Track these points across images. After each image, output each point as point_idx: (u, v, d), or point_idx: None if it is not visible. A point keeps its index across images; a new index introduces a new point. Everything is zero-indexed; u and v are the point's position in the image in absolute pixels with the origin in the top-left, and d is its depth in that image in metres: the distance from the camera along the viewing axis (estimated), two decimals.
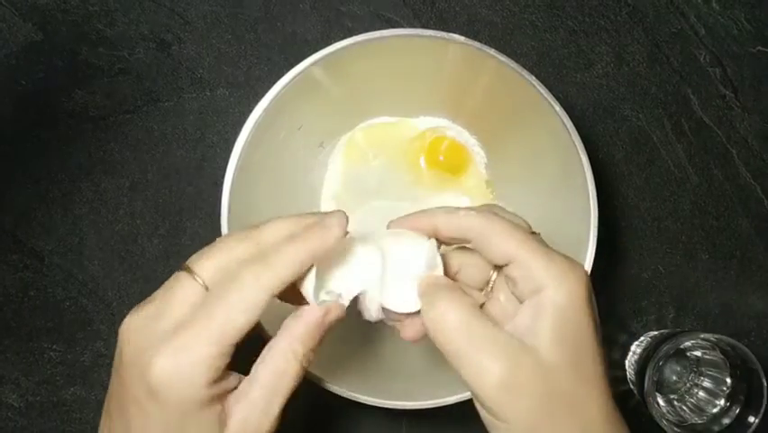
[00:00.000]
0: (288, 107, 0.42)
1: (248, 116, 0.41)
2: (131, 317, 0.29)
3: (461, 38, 0.41)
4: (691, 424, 0.49)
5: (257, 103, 0.41)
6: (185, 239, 0.53)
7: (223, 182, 0.40)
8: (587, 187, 0.40)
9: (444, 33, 0.41)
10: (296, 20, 0.53)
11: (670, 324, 0.54)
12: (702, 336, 0.47)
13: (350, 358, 0.45)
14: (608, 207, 0.54)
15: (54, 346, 0.52)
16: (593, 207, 0.40)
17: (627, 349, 0.53)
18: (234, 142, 0.40)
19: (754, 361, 0.45)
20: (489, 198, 0.51)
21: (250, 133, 0.41)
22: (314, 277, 0.30)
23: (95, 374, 0.52)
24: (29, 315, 0.52)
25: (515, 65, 0.40)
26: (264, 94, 0.41)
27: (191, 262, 0.30)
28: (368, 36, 0.41)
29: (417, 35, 0.41)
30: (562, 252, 0.31)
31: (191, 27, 0.53)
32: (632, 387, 0.52)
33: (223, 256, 0.30)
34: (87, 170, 0.53)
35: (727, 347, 0.47)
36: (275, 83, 0.41)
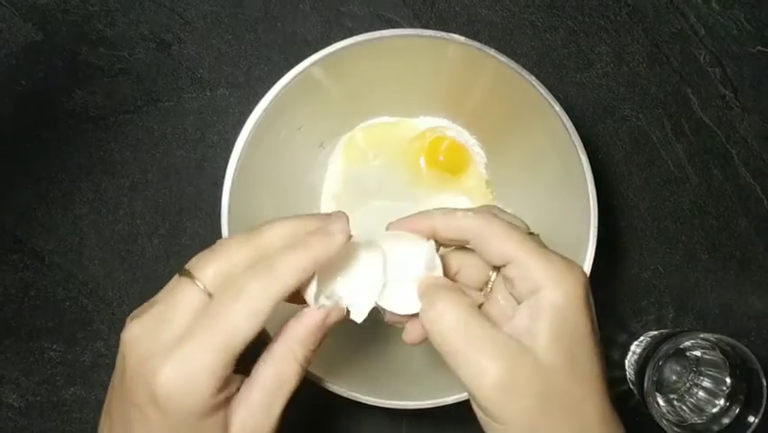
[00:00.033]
0: (288, 107, 0.42)
1: (248, 116, 0.41)
2: (134, 324, 0.29)
3: (461, 38, 0.41)
4: (691, 424, 0.49)
5: (257, 103, 0.41)
6: (185, 239, 0.53)
7: (223, 182, 0.40)
8: (587, 187, 0.40)
9: (444, 33, 0.41)
10: (296, 20, 0.53)
11: (669, 324, 0.54)
12: (702, 335, 0.47)
13: (350, 358, 0.45)
14: (607, 207, 0.54)
15: (54, 346, 0.52)
16: (593, 207, 0.40)
17: (627, 349, 0.53)
18: (234, 142, 0.40)
19: (754, 361, 0.45)
20: (489, 198, 0.51)
21: (250, 133, 0.41)
22: (315, 281, 0.30)
23: (95, 374, 0.52)
24: (29, 315, 0.52)
25: (515, 65, 0.40)
26: (264, 94, 0.41)
27: (192, 266, 0.30)
28: (368, 36, 0.41)
29: (417, 35, 0.41)
30: (562, 252, 0.31)
31: (191, 27, 0.53)
32: (632, 387, 0.52)
33: (224, 261, 0.29)
34: (87, 170, 0.53)
35: (727, 347, 0.47)
36: (275, 83, 0.41)
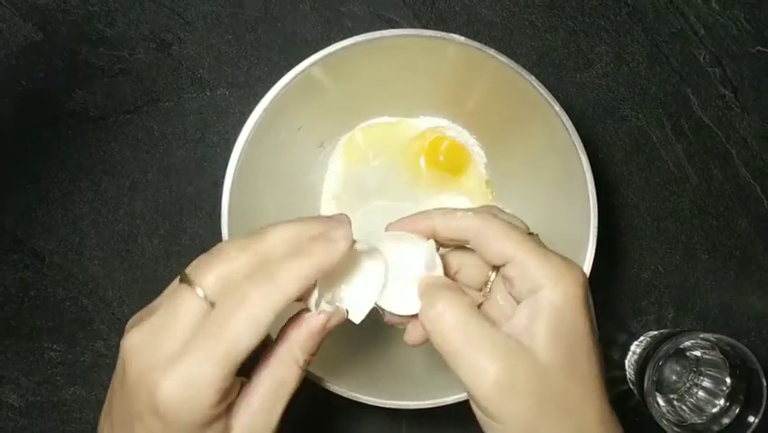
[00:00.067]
0: (288, 108, 0.42)
1: (248, 116, 0.41)
2: (134, 331, 0.28)
3: (461, 38, 0.41)
4: (691, 424, 0.49)
5: (257, 103, 0.41)
6: (185, 239, 0.53)
7: (223, 182, 0.40)
8: (587, 187, 0.40)
9: (444, 33, 0.41)
10: (296, 20, 0.53)
11: (669, 324, 0.54)
12: (702, 335, 0.47)
13: (350, 358, 0.45)
14: (607, 207, 0.54)
15: (54, 346, 0.52)
16: (593, 207, 0.40)
17: (627, 349, 0.53)
18: (234, 142, 0.40)
19: (754, 361, 0.45)
20: (489, 198, 0.51)
21: (250, 133, 0.41)
22: (317, 288, 0.30)
23: (95, 374, 0.52)
24: (29, 315, 0.52)
25: (515, 65, 0.40)
26: (264, 94, 0.41)
27: (192, 273, 0.29)
28: (368, 36, 0.41)
29: (417, 35, 0.41)
30: (562, 252, 0.31)
31: (191, 27, 0.53)
32: (632, 387, 0.52)
33: (225, 266, 0.29)
34: (87, 170, 0.53)
35: (727, 347, 0.47)
36: (275, 83, 0.41)
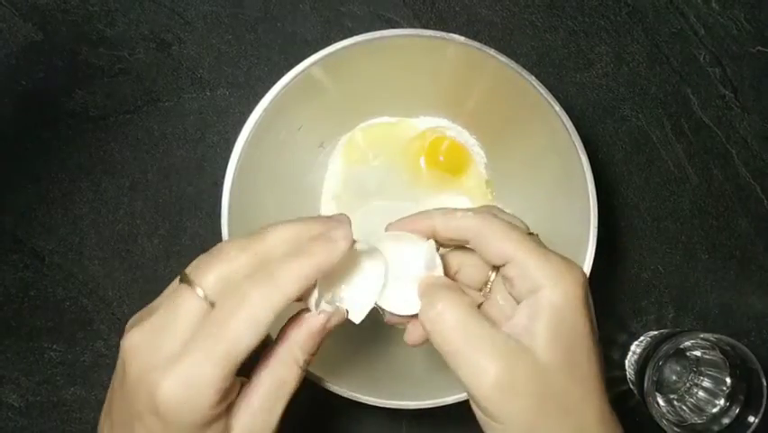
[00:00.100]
0: (288, 108, 0.42)
1: (248, 116, 0.41)
2: (134, 331, 0.28)
3: (460, 38, 0.41)
4: (691, 424, 0.49)
5: (257, 103, 0.41)
6: (185, 239, 0.53)
7: (223, 182, 0.40)
8: (587, 187, 0.40)
9: (444, 33, 0.41)
10: (296, 20, 0.53)
11: (669, 324, 0.54)
12: (702, 335, 0.47)
13: (350, 358, 0.45)
14: (607, 207, 0.54)
15: (54, 346, 0.52)
16: (593, 207, 0.40)
17: (627, 349, 0.53)
18: (234, 142, 0.40)
19: (754, 361, 0.45)
20: (489, 198, 0.51)
21: (250, 133, 0.41)
22: (317, 288, 0.30)
23: (95, 374, 0.52)
24: (29, 315, 0.52)
25: (515, 65, 0.40)
26: (264, 94, 0.41)
27: (192, 273, 0.29)
28: (368, 36, 0.41)
29: (417, 35, 0.41)
30: (562, 252, 0.31)
31: (191, 27, 0.53)
32: (632, 387, 0.52)
33: (225, 266, 0.29)
34: (87, 170, 0.53)
35: (727, 347, 0.47)
36: (275, 83, 0.41)
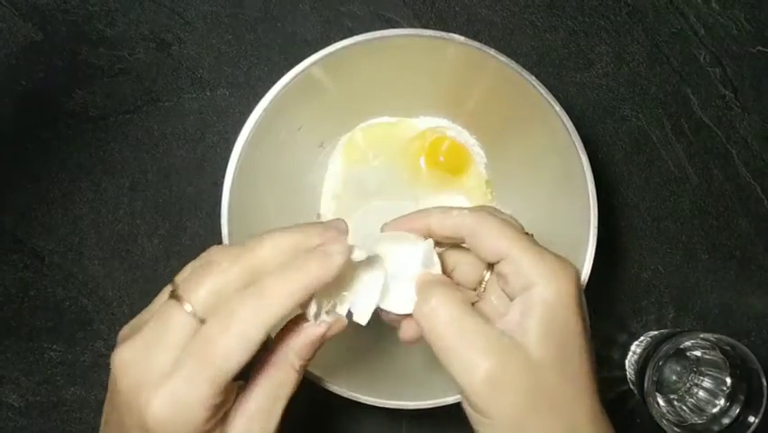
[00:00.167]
0: (288, 107, 0.42)
1: (248, 116, 0.41)
2: (125, 346, 0.28)
3: (461, 38, 0.41)
4: (691, 424, 0.49)
5: (257, 103, 0.41)
6: (185, 239, 0.53)
7: (223, 182, 0.40)
8: (587, 187, 0.40)
9: (444, 33, 0.41)
10: (296, 20, 0.53)
11: (670, 324, 0.54)
12: (702, 335, 0.47)
13: (350, 358, 0.45)
14: (607, 207, 0.54)
15: (54, 346, 0.52)
16: (593, 206, 0.40)
17: (627, 349, 0.53)
18: (234, 142, 0.40)
19: (754, 361, 0.45)
20: (489, 198, 0.51)
21: (250, 133, 0.41)
22: (314, 301, 0.30)
23: (95, 374, 0.52)
24: (29, 315, 0.52)
25: (515, 65, 0.40)
26: (264, 94, 0.41)
27: (182, 287, 0.28)
28: (368, 36, 0.41)
29: (417, 35, 0.41)
30: (562, 252, 0.31)
31: (191, 27, 0.53)
32: (632, 387, 0.52)
33: (217, 280, 0.28)
34: (87, 170, 0.53)
35: (727, 347, 0.47)
36: (275, 83, 0.40)
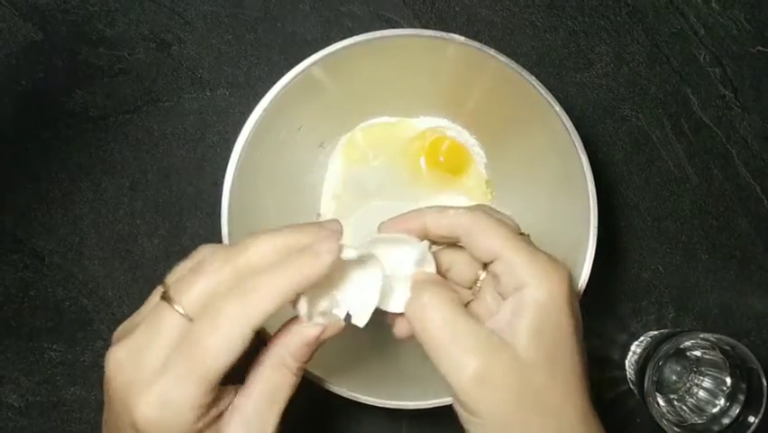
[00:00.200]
0: (288, 107, 0.42)
1: (248, 116, 0.41)
2: (118, 347, 0.29)
3: (460, 38, 0.41)
4: (691, 424, 0.49)
5: (257, 103, 0.41)
6: (185, 239, 0.53)
7: (223, 182, 0.40)
8: (587, 187, 0.40)
9: (444, 33, 0.41)
10: (296, 20, 0.53)
11: (670, 324, 0.54)
12: (702, 335, 0.47)
13: (350, 358, 0.45)
14: (607, 207, 0.54)
15: (54, 346, 0.52)
16: (593, 206, 0.40)
17: (627, 349, 0.53)
18: (234, 142, 0.40)
19: (754, 361, 0.45)
20: (489, 198, 0.51)
21: (250, 133, 0.41)
22: (304, 300, 0.30)
23: (95, 374, 0.52)
24: (29, 315, 0.52)
25: (515, 65, 0.40)
26: (264, 94, 0.41)
27: (173, 288, 0.29)
28: (368, 36, 0.41)
29: (417, 35, 0.41)
30: (562, 252, 0.31)
31: (191, 27, 0.53)
32: (632, 387, 0.52)
33: (208, 281, 0.28)
34: (87, 170, 0.53)
35: (727, 347, 0.47)
36: (275, 83, 0.40)
